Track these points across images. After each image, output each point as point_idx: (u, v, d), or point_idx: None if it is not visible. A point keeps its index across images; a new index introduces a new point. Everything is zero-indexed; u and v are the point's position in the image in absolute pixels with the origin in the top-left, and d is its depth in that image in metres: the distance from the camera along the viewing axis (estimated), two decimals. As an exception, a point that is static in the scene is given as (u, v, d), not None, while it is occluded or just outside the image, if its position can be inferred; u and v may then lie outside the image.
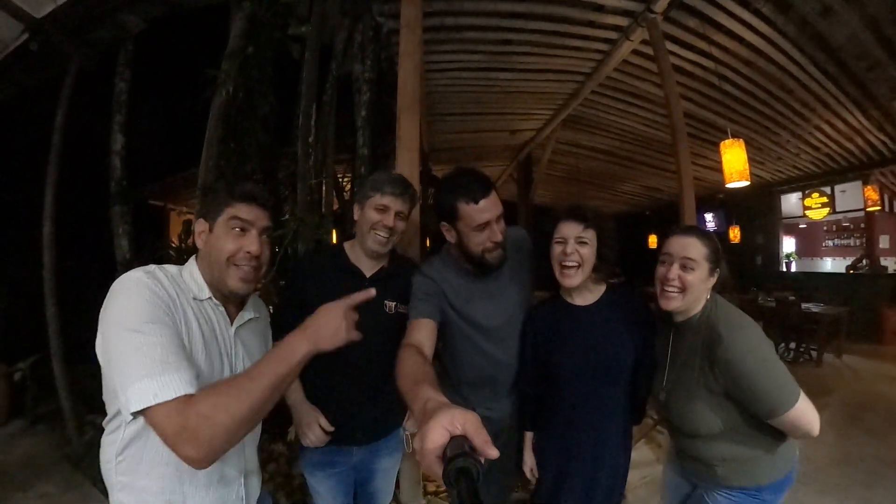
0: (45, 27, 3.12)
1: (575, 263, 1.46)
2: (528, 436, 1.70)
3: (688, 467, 1.53)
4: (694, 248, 1.36)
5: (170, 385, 0.86)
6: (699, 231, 1.42)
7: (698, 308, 1.39)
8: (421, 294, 1.60)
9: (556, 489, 1.59)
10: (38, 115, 3.61)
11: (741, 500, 1.38)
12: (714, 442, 1.37)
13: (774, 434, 1.34)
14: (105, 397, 1.04)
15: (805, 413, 1.25)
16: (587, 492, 1.55)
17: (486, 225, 1.53)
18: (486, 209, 1.51)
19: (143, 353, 0.88)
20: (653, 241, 11.75)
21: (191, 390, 0.88)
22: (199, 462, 0.85)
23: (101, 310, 0.96)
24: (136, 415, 0.86)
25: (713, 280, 1.38)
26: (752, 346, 1.26)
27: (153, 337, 0.91)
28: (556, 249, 1.49)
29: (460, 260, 1.65)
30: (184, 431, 0.83)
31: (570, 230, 1.47)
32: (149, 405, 0.84)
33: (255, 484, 1.26)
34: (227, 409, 0.85)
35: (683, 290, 1.35)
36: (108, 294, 0.98)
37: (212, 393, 0.88)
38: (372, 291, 1.15)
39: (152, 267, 1.06)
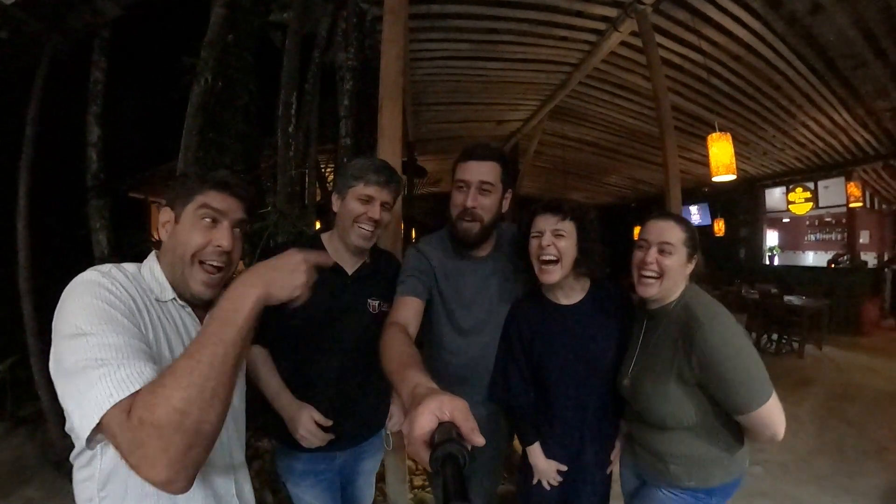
0: (16, 14, 2.98)
1: (552, 257, 1.40)
2: (536, 446, 1.55)
3: (640, 461, 1.47)
4: (672, 233, 1.34)
5: (128, 380, 0.68)
6: (676, 216, 1.39)
7: (675, 295, 1.36)
8: (411, 270, 1.55)
9: (547, 492, 1.56)
10: (10, 106, 3.48)
11: (689, 502, 1.35)
12: (676, 435, 1.32)
13: (737, 435, 1.32)
14: (68, 427, 0.84)
15: (774, 413, 1.22)
16: (578, 492, 1.54)
17: (464, 185, 1.51)
18: (468, 169, 1.51)
19: (97, 356, 0.70)
20: (638, 233, 11.82)
21: (137, 385, 0.69)
22: (170, 485, 0.65)
23: (53, 321, 0.80)
24: (93, 436, 0.69)
25: (691, 266, 1.36)
26: (731, 333, 1.24)
27: (107, 337, 0.73)
28: (533, 244, 1.44)
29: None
30: (135, 447, 0.64)
31: (545, 223, 1.42)
32: (103, 411, 0.66)
33: (246, 478, 1.16)
34: (170, 403, 0.64)
35: (661, 275, 1.32)
36: (59, 301, 0.81)
37: (147, 389, 0.67)
38: (330, 260, 1.01)
39: (108, 266, 0.90)
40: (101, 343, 0.73)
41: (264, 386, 1.44)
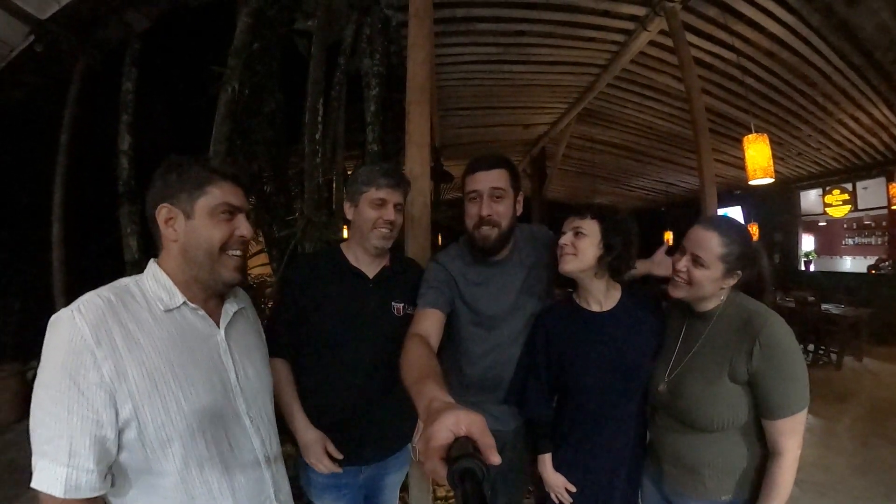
0: (51, 28, 3.09)
1: (569, 252, 1.42)
2: (546, 457, 1.55)
3: (669, 478, 1.41)
4: (707, 246, 1.26)
5: (43, 475, 0.83)
6: (724, 228, 1.28)
7: (720, 299, 1.33)
8: (432, 282, 1.55)
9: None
10: (46, 116, 3.60)
11: None
12: (717, 439, 1.28)
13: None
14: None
15: (804, 422, 1.21)
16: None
17: (476, 195, 1.51)
18: (478, 180, 1.52)
19: (44, 426, 0.84)
20: (668, 237, 11.56)
21: (56, 492, 0.82)
22: None
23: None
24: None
25: (732, 281, 1.29)
26: (791, 333, 1.22)
27: (57, 408, 0.84)
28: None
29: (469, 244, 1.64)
30: None
31: (568, 223, 1.45)
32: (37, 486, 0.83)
33: (282, 470, 1.20)
34: None
35: (689, 283, 1.29)
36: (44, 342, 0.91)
37: None
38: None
39: (92, 294, 0.95)
40: (51, 416, 0.84)
41: (282, 405, 1.44)
